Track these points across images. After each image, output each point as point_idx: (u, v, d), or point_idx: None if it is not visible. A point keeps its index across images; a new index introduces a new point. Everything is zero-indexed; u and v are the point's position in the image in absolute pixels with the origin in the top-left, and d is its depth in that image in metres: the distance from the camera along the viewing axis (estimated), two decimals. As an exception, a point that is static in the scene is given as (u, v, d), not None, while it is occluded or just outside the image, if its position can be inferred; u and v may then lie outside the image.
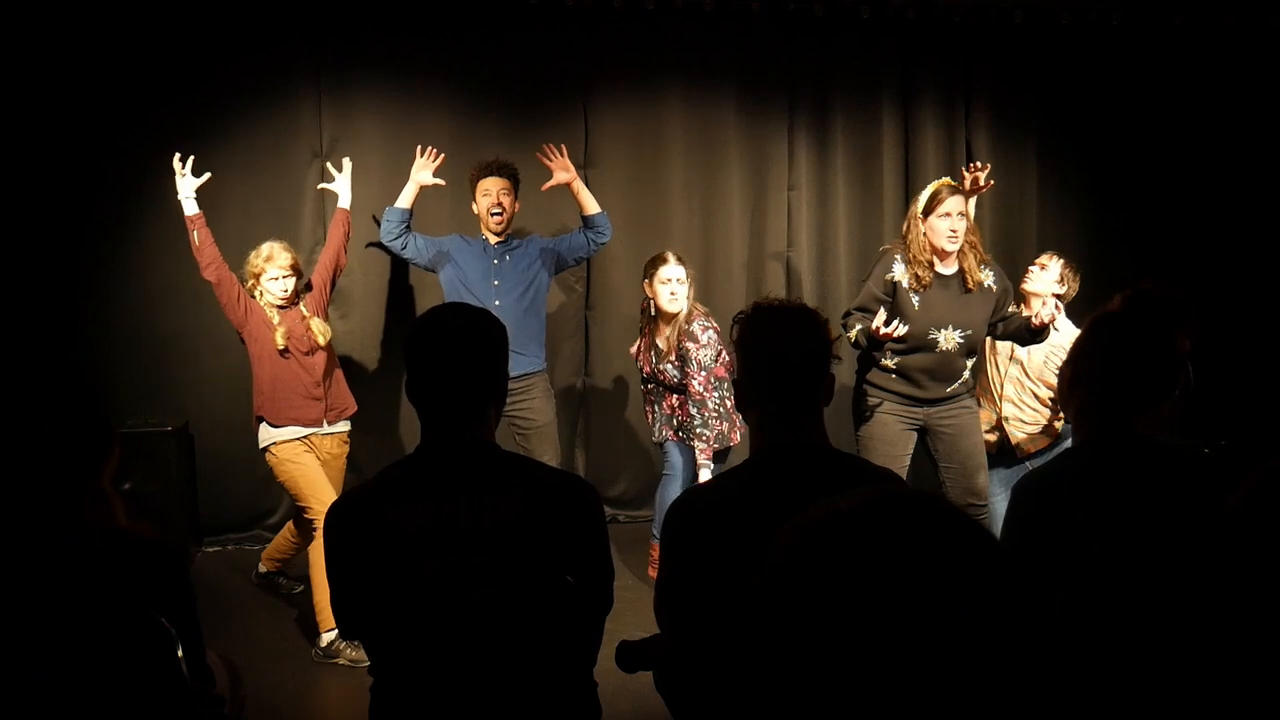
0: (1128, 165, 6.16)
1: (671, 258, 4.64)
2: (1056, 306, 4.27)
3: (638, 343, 4.83)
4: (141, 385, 5.29)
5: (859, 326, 4.08)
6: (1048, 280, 4.54)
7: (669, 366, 4.61)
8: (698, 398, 4.47)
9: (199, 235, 4.31)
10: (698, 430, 4.51)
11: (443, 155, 4.75)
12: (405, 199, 4.69)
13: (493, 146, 5.16)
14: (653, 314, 4.70)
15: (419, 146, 4.76)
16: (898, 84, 5.99)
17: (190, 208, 4.37)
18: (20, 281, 5.12)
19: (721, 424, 4.60)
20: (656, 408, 4.78)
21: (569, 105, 5.71)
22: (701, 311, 4.63)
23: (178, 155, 4.43)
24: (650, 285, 4.65)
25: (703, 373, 4.48)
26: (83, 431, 1.77)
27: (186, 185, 4.39)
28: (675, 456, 4.72)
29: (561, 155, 4.79)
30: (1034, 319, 4.11)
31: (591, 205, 4.74)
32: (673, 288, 4.58)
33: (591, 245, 4.81)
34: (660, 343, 4.66)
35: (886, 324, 3.93)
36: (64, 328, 5.19)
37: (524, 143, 5.42)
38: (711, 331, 4.55)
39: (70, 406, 1.77)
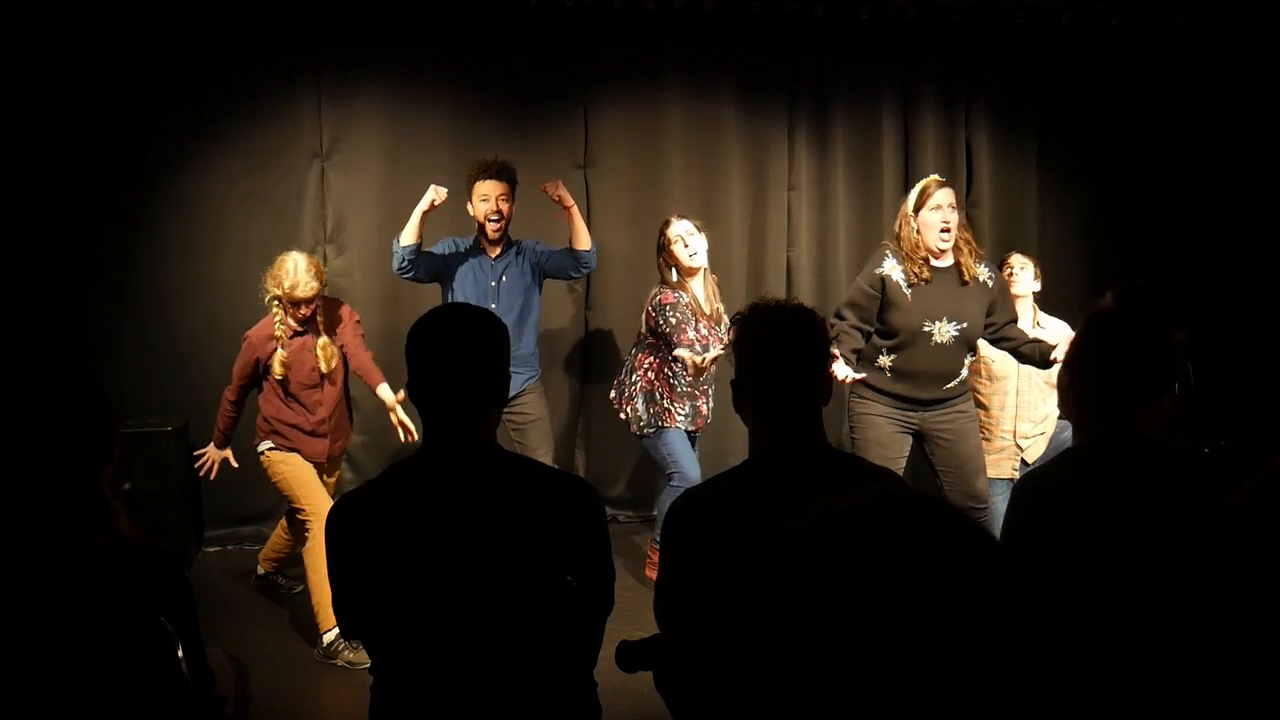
0: (1128, 165, 6.15)
1: (674, 216, 4.56)
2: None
3: (695, 328, 4.44)
4: (141, 385, 5.28)
5: (839, 351, 4.03)
6: (1028, 279, 4.66)
7: (721, 331, 4.50)
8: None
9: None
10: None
11: (445, 192, 4.51)
12: (411, 234, 4.44)
13: (493, 146, 5.13)
14: (688, 302, 4.46)
15: (433, 185, 4.48)
16: (898, 84, 5.98)
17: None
18: (22, 282, 5.12)
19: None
20: (711, 390, 4.65)
21: (569, 105, 5.70)
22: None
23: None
24: (669, 253, 4.49)
25: None
26: (86, 433, 1.77)
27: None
28: (694, 470, 4.51)
29: (559, 189, 4.59)
30: (1053, 357, 3.93)
31: (584, 240, 4.57)
32: (687, 242, 4.47)
33: (572, 273, 4.74)
34: (706, 307, 4.54)
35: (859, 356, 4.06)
36: (66, 328, 5.18)
37: (524, 143, 5.41)
38: None
39: (74, 408, 1.77)
